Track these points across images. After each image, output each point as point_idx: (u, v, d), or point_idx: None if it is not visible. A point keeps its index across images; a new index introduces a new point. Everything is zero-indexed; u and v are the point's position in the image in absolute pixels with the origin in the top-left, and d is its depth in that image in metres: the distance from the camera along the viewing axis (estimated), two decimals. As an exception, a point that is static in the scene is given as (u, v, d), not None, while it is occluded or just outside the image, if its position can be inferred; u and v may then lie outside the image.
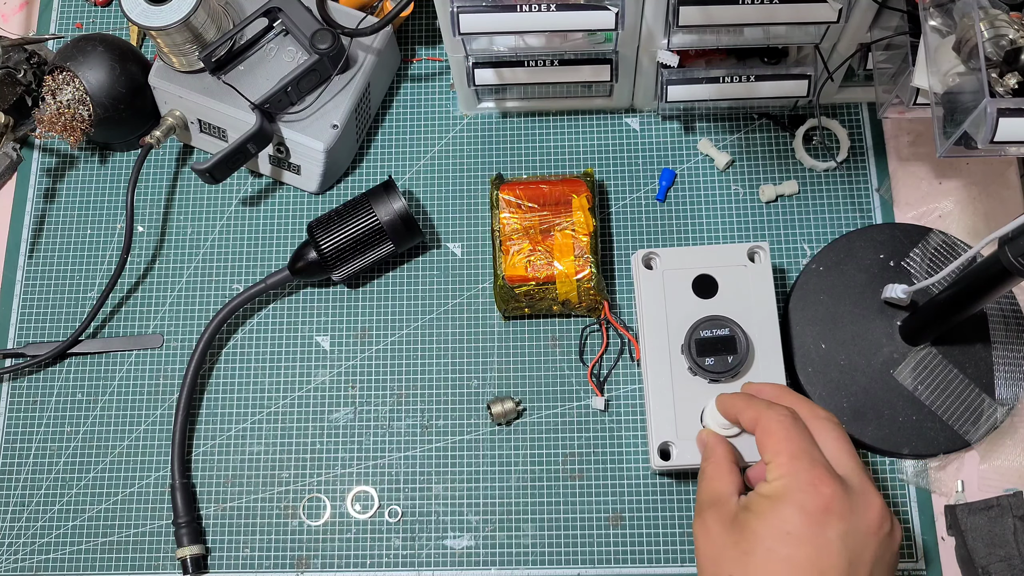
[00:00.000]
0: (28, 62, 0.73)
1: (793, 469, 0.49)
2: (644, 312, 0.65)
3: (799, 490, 0.49)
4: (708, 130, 0.74)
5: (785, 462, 0.50)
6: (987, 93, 0.47)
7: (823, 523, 0.48)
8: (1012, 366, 0.65)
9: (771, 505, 0.49)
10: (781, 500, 0.49)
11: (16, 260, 0.74)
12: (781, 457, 0.50)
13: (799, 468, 0.49)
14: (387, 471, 0.67)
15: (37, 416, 0.70)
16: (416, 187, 0.74)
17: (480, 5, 0.59)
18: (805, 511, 0.48)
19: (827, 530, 0.48)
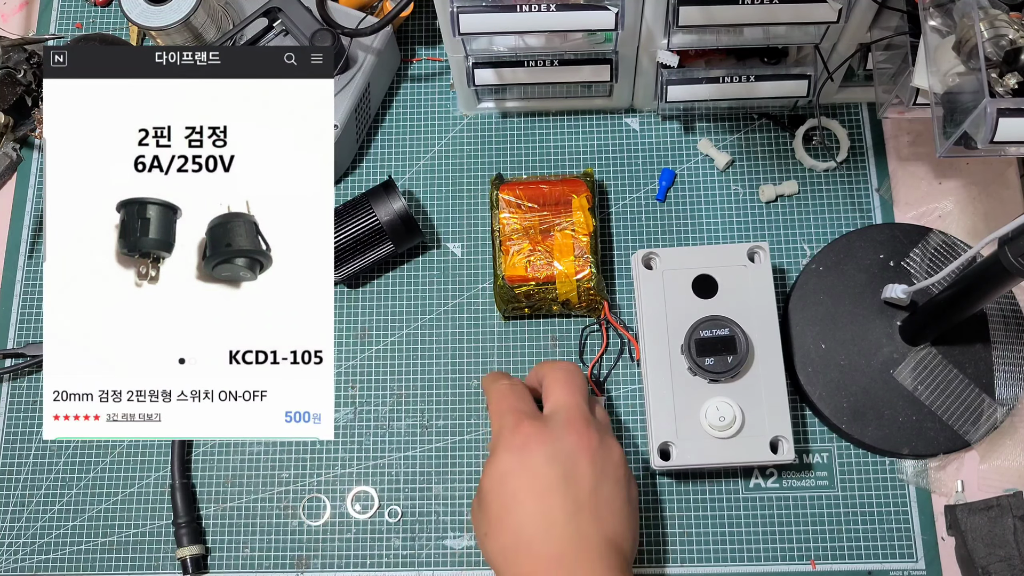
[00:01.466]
0: (28, 62, 0.73)
1: (499, 424, 0.58)
2: (644, 312, 0.65)
3: (503, 436, 0.57)
4: (708, 130, 0.74)
5: (495, 420, 0.59)
6: (987, 93, 0.47)
7: (525, 451, 0.56)
8: (1012, 366, 0.65)
9: (490, 459, 0.57)
10: (494, 451, 0.57)
11: (16, 260, 0.74)
12: (492, 418, 0.60)
13: (504, 421, 0.58)
14: (387, 471, 0.67)
15: (37, 416, 0.70)
16: (416, 187, 0.74)
17: (480, 5, 0.59)
18: (510, 449, 0.56)
19: (532, 456, 0.56)
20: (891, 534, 0.64)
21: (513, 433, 0.57)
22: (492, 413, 0.61)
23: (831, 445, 0.66)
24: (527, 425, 0.57)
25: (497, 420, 0.59)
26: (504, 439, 0.57)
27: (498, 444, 0.58)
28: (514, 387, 0.61)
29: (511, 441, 0.57)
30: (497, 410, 0.60)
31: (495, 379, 0.63)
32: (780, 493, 0.65)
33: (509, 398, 0.60)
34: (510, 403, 0.60)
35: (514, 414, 0.58)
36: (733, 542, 0.65)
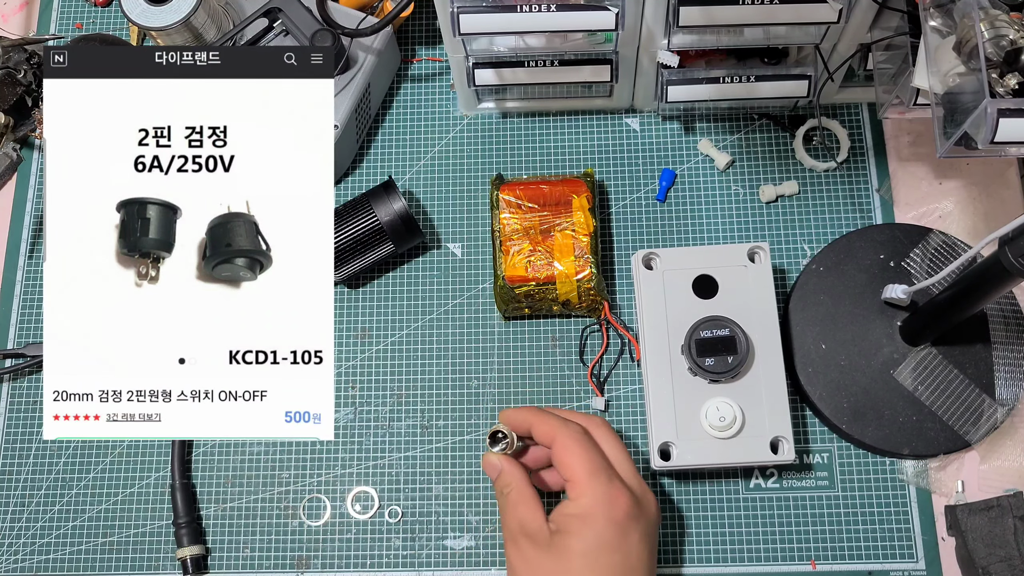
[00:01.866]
0: (28, 62, 0.73)
1: (593, 486, 0.54)
2: (644, 312, 0.65)
3: (603, 504, 0.54)
4: (708, 130, 0.74)
5: (585, 480, 0.55)
6: (987, 93, 0.47)
7: (627, 528, 0.54)
8: (1012, 366, 0.65)
9: (582, 523, 0.54)
10: (590, 517, 0.54)
11: (16, 260, 0.74)
12: (580, 475, 0.55)
13: (598, 484, 0.54)
14: (387, 471, 0.67)
15: (37, 416, 0.70)
16: (416, 187, 0.74)
17: (480, 5, 0.59)
18: (613, 522, 0.54)
19: (631, 534, 0.54)
20: (891, 534, 0.64)
21: (614, 505, 0.54)
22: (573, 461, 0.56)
23: (831, 445, 0.66)
24: (624, 497, 0.55)
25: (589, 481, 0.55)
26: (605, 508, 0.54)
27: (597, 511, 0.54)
28: (589, 440, 0.57)
29: (613, 512, 0.54)
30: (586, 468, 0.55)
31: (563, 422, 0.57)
32: (780, 493, 0.65)
33: (596, 457, 0.56)
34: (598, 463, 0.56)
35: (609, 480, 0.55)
36: (733, 542, 0.65)
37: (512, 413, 0.60)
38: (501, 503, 0.58)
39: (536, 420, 0.58)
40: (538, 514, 0.56)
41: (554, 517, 0.56)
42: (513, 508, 0.57)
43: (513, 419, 0.60)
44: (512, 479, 0.58)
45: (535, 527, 0.55)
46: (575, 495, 0.55)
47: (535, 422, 0.58)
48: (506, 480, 0.58)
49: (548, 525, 0.55)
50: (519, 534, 0.56)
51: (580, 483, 0.55)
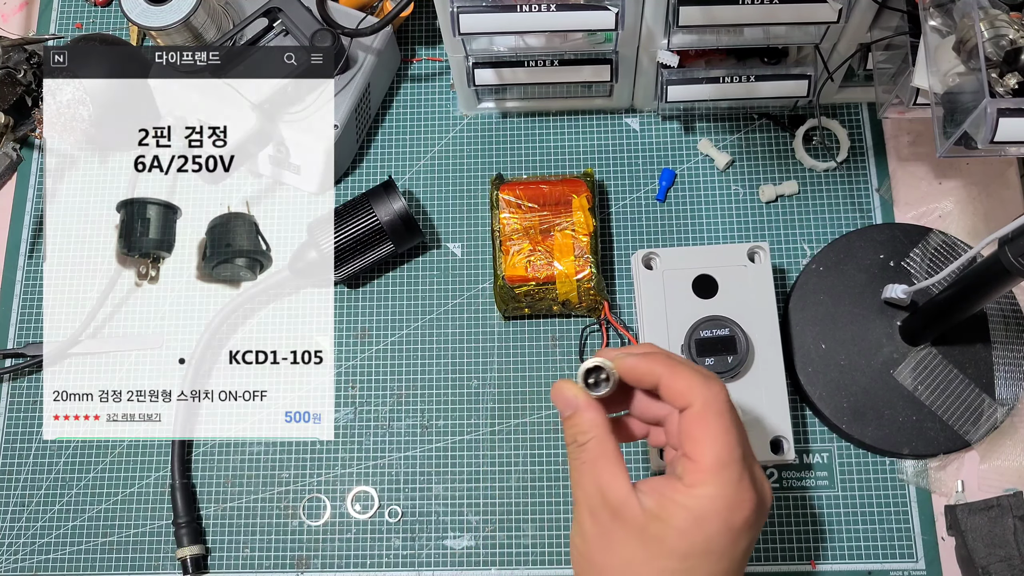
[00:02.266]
0: (28, 62, 0.73)
1: (722, 481, 0.44)
2: (644, 312, 0.65)
3: (727, 508, 0.44)
4: (708, 130, 0.74)
5: (715, 470, 0.44)
6: (987, 93, 0.47)
7: (740, 537, 0.45)
8: (1012, 366, 0.65)
9: (694, 523, 0.44)
10: (706, 518, 0.44)
11: (16, 260, 0.74)
12: (710, 461, 0.44)
13: (727, 481, 0.44)
14: (387, 471, 0.67)
15: (37, 416, 0.70)
16: (416, 187, 0.74)
17: (480, 5, 0.59)
18: (729, 529, 0.44)
19: (742, 542, 0.45)
20: (891, 534, 0.64)
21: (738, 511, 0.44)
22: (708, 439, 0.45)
23: (831, 445, 0.66)
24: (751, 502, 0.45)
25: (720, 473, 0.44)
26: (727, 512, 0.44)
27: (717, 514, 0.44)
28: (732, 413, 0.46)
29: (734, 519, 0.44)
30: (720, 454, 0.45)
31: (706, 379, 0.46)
32: (780, 493, 0.65)
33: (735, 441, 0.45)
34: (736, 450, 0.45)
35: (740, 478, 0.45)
36: (733, 542, 0.65)
37: (631, 359, 0.47)
38: (573, 453, 0.48)
39: (669, 374, 0.46)
40: (624, 481, 0.46)
41: (652, 491, 0.45)
42: (592, 467, 0.46)
43: (630, 366, 0.47)
44: (593, 427, 0.47)
45: (621, 498, 0.45)
46: (694, 482, 0.44)
47: (666, 376, 0.46)
48: (584, 426, 0.47)
49: (640, 499, 0.45)
50: (599, 504, 0.46)
51: (707, 471, 0.44)
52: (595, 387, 0.48)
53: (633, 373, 0.47)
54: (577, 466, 0.47)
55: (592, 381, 0.48)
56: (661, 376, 0.46)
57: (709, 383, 0.46)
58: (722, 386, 0.46)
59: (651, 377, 0.47)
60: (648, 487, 0.46)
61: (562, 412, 0.48)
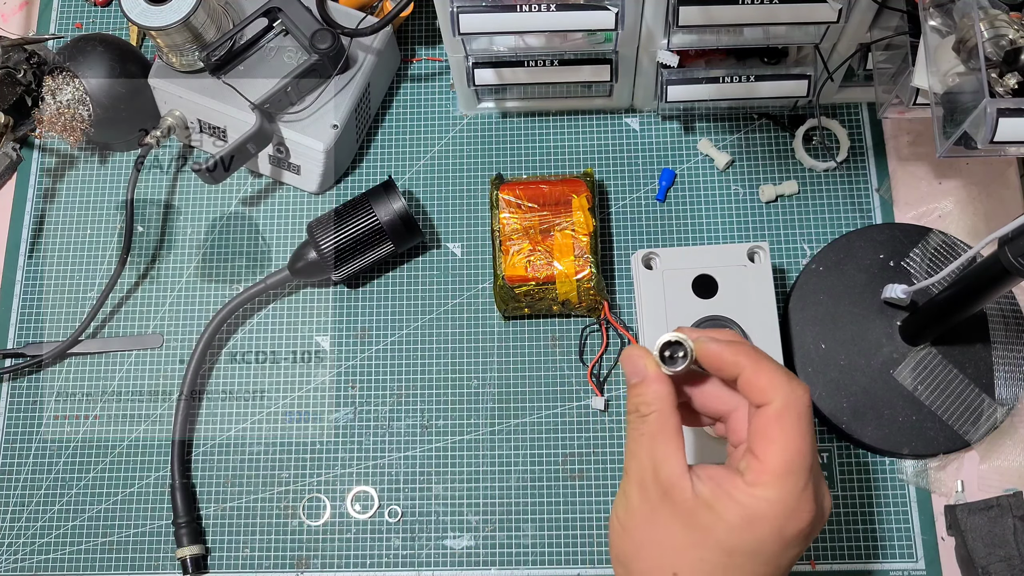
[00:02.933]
0: (28, 62, 0.73)
1: (785, 488, 0.43)
2: (644, 312, 0.65)
3: (783, 515, 0.43)
4: (708, 130, 0.74)
5: (780, 474, 0.43)
6: (987, 93, 0.47)
7: (791, 546, 0.44)
8: (1012, 366, 0.65)
9: (749, 523, 0.43)
10: (761, 521, 0.43)
11: (16, 260, 0.74)
12: (777, 464, 0.43)
13: (791, 488, 0.43)
14: (387, 471, 0.67)
15: (37, 416, 0.70)
16: (416, 187, 0.74)
17: (480, 5, 0.59)
18: (783, 536, 0.43)
19: (791, 551, 0.44)
20: (891, 534, 0.64)
21: (795, 519, 0.43)
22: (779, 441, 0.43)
23: (831, 445, 0.66)
24: (809, 513, 0.44)
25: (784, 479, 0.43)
26: (784, 519, 0.43)
27: (774, 518, 0.43)
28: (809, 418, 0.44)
29: (789, 527, 0.43)
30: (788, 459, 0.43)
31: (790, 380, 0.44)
32: (780, 493, 0.65)
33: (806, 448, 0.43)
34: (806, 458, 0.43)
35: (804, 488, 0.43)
36: (733, 542, 0.65)
37: (716, 345, 0.46)
38: (633, 423, 0.46)
39: (753, 367, 0.44)
40: (681, 461, 0.44)
41: (709, 479, 0.44)
42: (650, 440, 0.45)
43: (714, 352, 0.46)
44: (658, 400, 0.45)
45: (675, 477, 0.44)
46: (755, 481, 0.43)
47: (750, 368, 0.44)
48: (649, 397, 0.46)
49: (694, 483, 0.44)
50: (651, 478, 0.44)
51: (772, 473, 0.42)
52: (669, 362, 0.46)
53: (716, 359, 0.46)
54: (635, 436, 0.46)
55: (668, 355, 0.46)
56: (744, 368, 0.45)
57: (793, 384, 0.44)
58: (806, 389, 0.44)
59: (734, 367, 0.45)
60: (706, 474, 0.44)
61: (629, 378, 0.47)
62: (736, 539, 0.43)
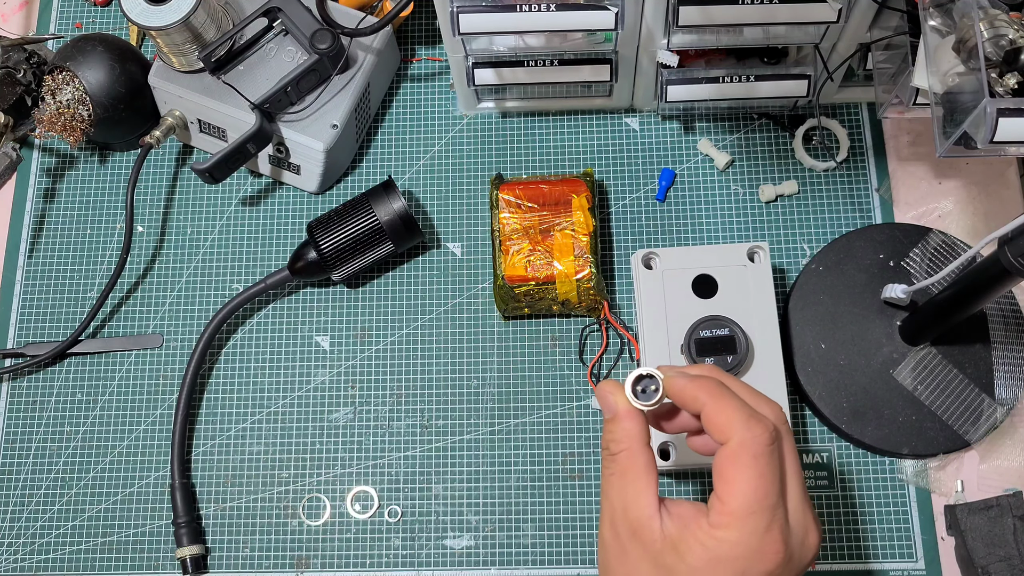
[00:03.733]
0: (28, 62, 0.73)
1: (745, 529, 0.42)
2: (644, 312, 0.65)
3: (746, 557, 0.42)
4: (708, 130, 0.74)
5: (741, 515, 0.42)
6: (987, 93, 0.47)
7: None
8: (1012, 366, 0.65)
9: (709, 565, 0.42)
10: (724, 563, 0.42)
11: (16, 260, 0.74)
12: (738, 505, 0.42)
13: (752, 529, 0.42)
14: (387, 471, 0.67)
15: (37, 416, 0.70)
16: (416, 187, 0.74)
17: (480, 5, 0.59)
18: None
19: None
20: (891, 534, 0.64)
21: (758, 560, 0.42)
22: (740, 481, 0.43)
23: (831, 445, 0.66)
24: (776, 555, 0.43)
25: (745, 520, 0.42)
26: (745, 561, 0.42)
27: (735, 560, 0.42)
28: (773, 457, 0.43)
29: (752, 568, 0.42)
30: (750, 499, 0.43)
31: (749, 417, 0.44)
32: (780, 493, 0.65)
33: (769, 488, 0.43)
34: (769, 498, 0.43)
35: (768, 528, 0.43)
36: (733, 542, 0.65)
37: (681, 380, 0.45)
38: (605, 461, 0.46)
39: (711, 403, 0.44)
40: (650, 500, 0.44)
41: (678, 518, 0.44)
42: (620, 479, 0.45)
43: (679, 388, 0.45)
44: (627, 438, 0.45)
45: (643, 519, 0.44)
46: (717, 523, 0.43)
47: (709, 405, 0.44)
48: (619, 435, 0.46)
49: (663, 522, 0.44)
50: (621, 517, 0.45)
51: (731, 515, 0.42)
52: (643, 395, 0.46)
53: (680, 394, 0.46)
54: (606, 476, 0.46)
55: (641, 389, 0.46)
56: (704, 404, 0.44)
57: (750, 423, 0.43)
58: (765, 428, 0.43)
59: (694, 403, 0.45)
60: (676, 511, 0.44)
61: (604, 413, 0.47)
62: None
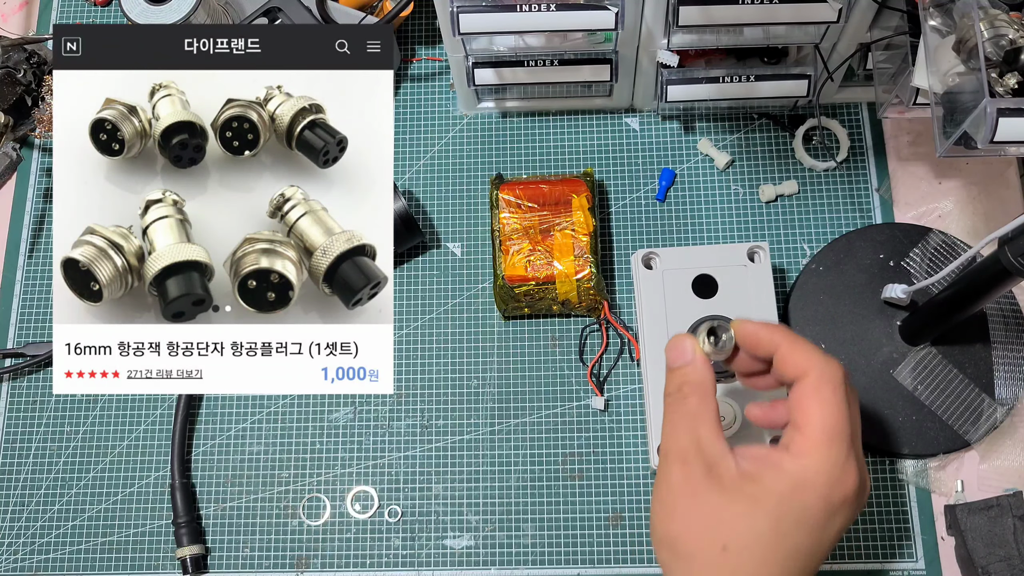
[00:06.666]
0: (28, 62, 0.73)
1: (828, 455, 0.44)
2: (644, 312, 0.65)
3: (828, 483, 0.44)
4: (708, 130, 0.74)
5: (822, 442, 0.44)
6: (987, 93, 0.47)
7: (836, 514, 0.44)
8: (1012, 366, 0.65)
9: (793, 489, 0.44)
10: (806, 487, 0.44)
11: (16, 260, 0.74)
12: (818, 433, 0.44)
13: (834, 455, 0.44)
14: (387, 471, 0.67)
15: (37, 416, 0.70)
16: (416, 187, 0.74)
17: (480, 5, 0.59)
18: (827, 503, 0.44)
19: (837, 521, 0.45)
20: (891, 534, 0.64)
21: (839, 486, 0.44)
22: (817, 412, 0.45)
23: (831, 445, 0.66)
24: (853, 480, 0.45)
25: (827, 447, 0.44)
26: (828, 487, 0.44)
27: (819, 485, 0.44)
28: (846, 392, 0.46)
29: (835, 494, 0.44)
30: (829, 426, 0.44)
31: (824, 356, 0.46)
32: (780, 493, 0.65)
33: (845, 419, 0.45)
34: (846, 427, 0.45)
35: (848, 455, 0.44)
36: (733, 542, 0.65)
37: (752, 325, 0.48)
38: (673, 406, 0.48)
39: (787, 343, 0.46)
40: (723, 440, 0.46)
41: (751, 457, 0.45)
42: (691, 419, 0.46)
43: (751, 332, 0.48)
44: (702, 383, 0.47)
45: (718, 453, 0.45)
46: (799, 452, 0.44)
47: (785, 345, 0.46)
48: (693, 378, 0.47)
49: (737, 459, 0.45)
50: (694, 454, 0.45)
51: (814, 442, 0.44)
52: (715, 345, 0.48)
53: (753, 338, 0.48)
54: (676, 418, 0.47)
55: (712, 340, 0.48)
56: (780, 345, 0.46)
57: (828, 359, 0.46)
58: (841, 366, 0.46)
59: (770, 344, 0.47)
60: (746, 453, 0.46)
61: (672, 362, 0.49)
62: (784, 507, 0.44)
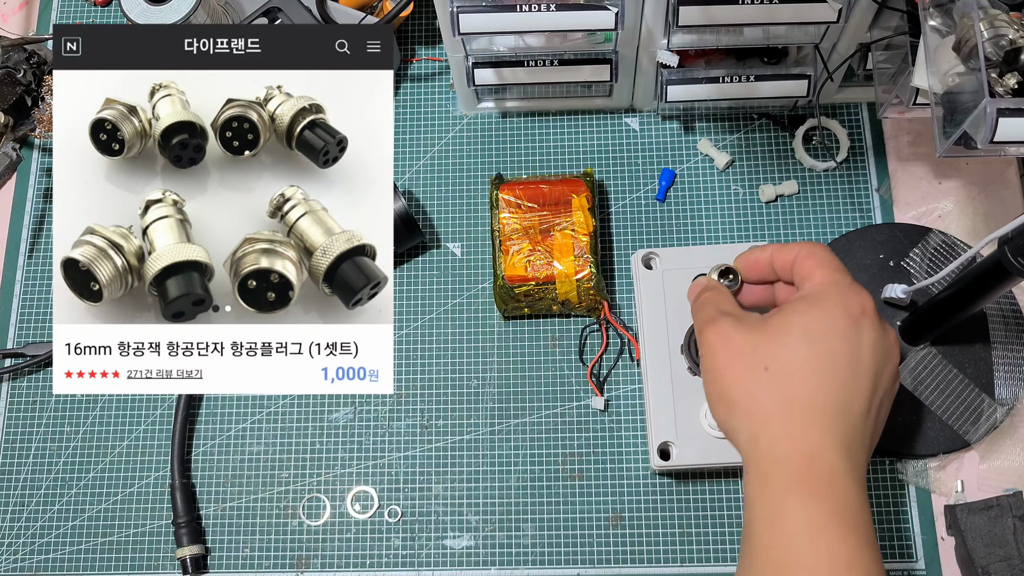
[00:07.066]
0: (28, 62, 0.73)
1: (834, 279, 0.48)
2: (644, 312, 0.65)
3: (840, 293, 0.48)
4: (708, 130, 0.74)
5: (827, 275, 0.49)
6: (987, 93, 0.47)
7: (860, 324, 0.47)
8: (1012, 366, 0.65)
9: (812, 303, 0.48)
10: (824, 299, 0.48)
11: (16, 260, 0.74)
12: (820, 272, 0.49)
13: (840, 280, 0.48)
14: (387, 471, 0.67)
15: (37, 416, 0.70)
16: (416, 187, 0.74)
17: (480, 5, 0.59)
18: (847, 310, 0.47)
19: (863, 332, 0.47)
20: (891, 534, 0.64)
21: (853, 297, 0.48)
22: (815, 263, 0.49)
23: (831, 445, 0.66)
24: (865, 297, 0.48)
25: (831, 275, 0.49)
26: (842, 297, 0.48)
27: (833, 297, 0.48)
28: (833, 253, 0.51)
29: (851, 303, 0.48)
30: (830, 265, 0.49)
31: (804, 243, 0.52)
32: (780, 493, 0.65)
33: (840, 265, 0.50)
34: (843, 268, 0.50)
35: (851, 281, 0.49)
36: (733, 542, 0.65)
37: (747, 252, 0.54)
38: (698, 304, 0.53)
39: (778, 248, 0.52)
40: (738, 307, 0.52)
41: (769, 314, 0.50)
42: (714, 299, 0.52)
43: (751, 257, 0.54)
44: (717, 288, 0.54)
45: (741, 311, 0.51)
46: (809, 287, 0.49)
47: (776, 250, 0.52)
48: (711, 288, 0.54)
49: (757, 314, 0.50)
50: (719, 314, 0.50)
51: (819, 275, 0.49)
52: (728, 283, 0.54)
53: (749, 260, 0.53)
54: (700, 307, 0.52)
55: (721, 279, 0.54)
56: (772, 253, 0.52)
57: (808, 243, 0.51)
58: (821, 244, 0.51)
59: (764, 258, 0.52)
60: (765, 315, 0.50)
61: (692, 297, 0.54)
62: (808, 320, 0.47)
